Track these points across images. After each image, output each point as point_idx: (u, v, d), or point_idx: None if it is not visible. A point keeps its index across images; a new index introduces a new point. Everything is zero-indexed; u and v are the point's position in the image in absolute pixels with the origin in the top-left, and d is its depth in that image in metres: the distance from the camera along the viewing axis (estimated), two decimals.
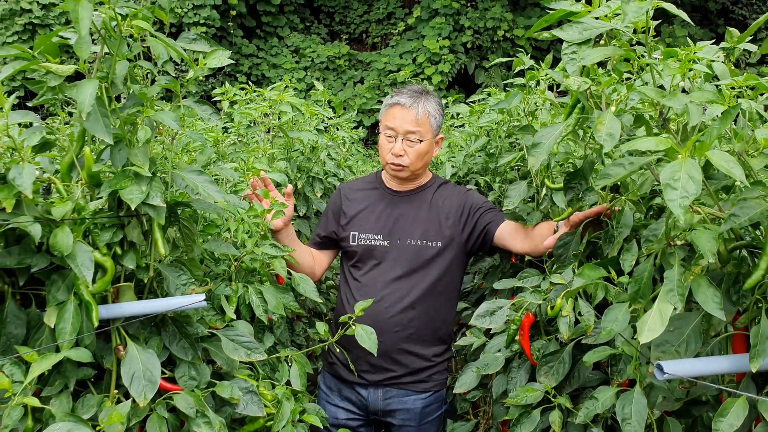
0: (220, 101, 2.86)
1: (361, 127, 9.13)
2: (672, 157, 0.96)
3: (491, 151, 2.78)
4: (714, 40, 1.35)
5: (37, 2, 11.53)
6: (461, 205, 2.27)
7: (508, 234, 2.18)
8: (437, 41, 12.95)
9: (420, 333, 2.21)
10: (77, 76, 1.27)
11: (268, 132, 2.77)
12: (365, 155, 6.53)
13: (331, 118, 3.62)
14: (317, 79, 13.56)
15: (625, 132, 1.41)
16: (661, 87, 1.16)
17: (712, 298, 1.01)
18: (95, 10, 1.16)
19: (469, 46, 13.22)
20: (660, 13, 1.25)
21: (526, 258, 2.17)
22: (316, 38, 14.94)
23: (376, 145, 2.49)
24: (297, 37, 14.66)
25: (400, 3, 15.26)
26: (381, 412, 2.25)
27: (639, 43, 1.21)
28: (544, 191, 2.13)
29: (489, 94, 3.15)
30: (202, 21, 12.35)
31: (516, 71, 2.17)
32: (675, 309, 1.02)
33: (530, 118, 2.29)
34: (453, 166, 3.24)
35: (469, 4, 13.54)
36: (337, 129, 3.78)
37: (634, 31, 1.07)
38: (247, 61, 13.72)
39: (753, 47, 1.33)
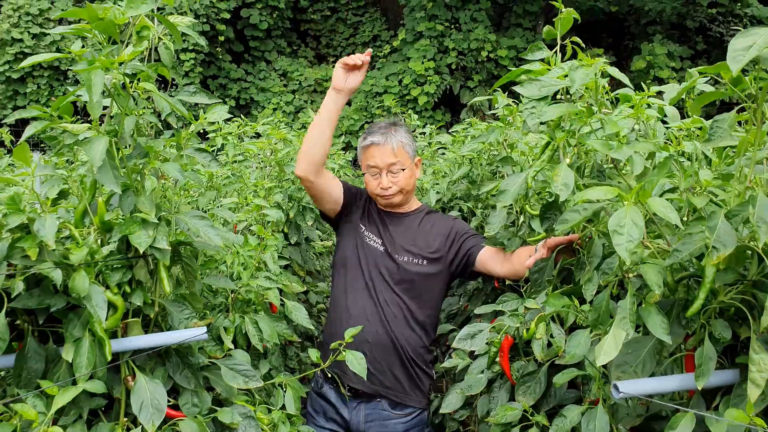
0: (215, 135, 2.99)
1: (349, 150, 9.27)
2: (621, 203, 1.09)
3: (474, 178, 2.92)
4: (692, 57, 1.49)
5: (28, 32, 11.65)
6: (449, 229, 2.40)
7: (488, 258, 2.30)
8: (422, 63, 13.18)
9: (401, 351, 2.30)
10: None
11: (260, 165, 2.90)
12: (355, 176, 6.65)
13: None
14: (306, 101, 13.74)
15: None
16: (617, 134, 1.30)
17: (660, 325, 1.14)
18: (106, 74, 1.29)
19: (453, 67, 13.46)
20: (642, 29, 1.39)
21: (507, 282, 2.30)
22: (303, 61, 15.16)
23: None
24: (284, 60, 14.87)
25: (386, 26, 15.54)
26: None
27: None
28: (522, 218, 2.27)
29: (471, 124, 3.31)
30: (191, 47, 12.51)
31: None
32: (627, 335, 1.14)
33: (509, 150, 2.44)
34: (437, 192, 3.38)
35: (452, 27, 13.82)
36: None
37: (587, 88, 1.21)
38: (235, 86, 13.89)
39: (711, 88, 1.47)
